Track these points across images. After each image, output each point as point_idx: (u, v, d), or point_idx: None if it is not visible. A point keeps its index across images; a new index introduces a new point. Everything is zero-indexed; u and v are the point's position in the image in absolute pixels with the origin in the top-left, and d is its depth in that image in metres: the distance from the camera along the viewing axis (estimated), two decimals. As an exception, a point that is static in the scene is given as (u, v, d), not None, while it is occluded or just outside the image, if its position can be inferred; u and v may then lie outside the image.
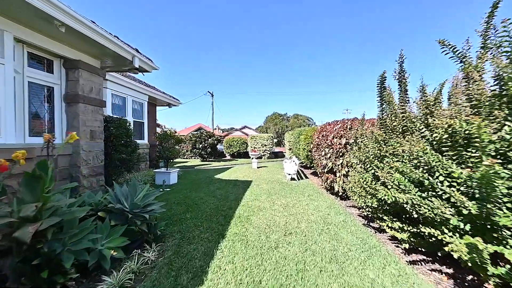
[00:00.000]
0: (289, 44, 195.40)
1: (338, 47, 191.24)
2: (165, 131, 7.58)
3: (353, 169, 4.49)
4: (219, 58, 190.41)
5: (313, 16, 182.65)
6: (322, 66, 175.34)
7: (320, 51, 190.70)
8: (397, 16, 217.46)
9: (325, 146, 6.22)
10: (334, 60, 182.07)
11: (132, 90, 8.13)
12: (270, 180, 8.75)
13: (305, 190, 6.96)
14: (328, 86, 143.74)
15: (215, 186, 7.52)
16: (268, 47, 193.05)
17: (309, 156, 9.20)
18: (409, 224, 2.81)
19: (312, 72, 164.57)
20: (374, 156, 3.64)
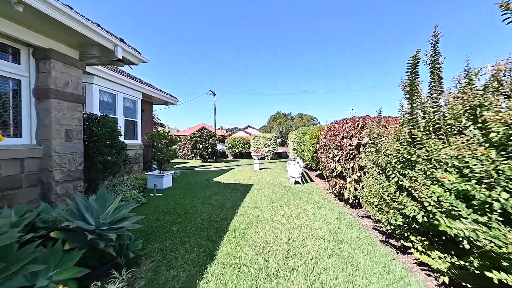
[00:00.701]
0: (291, 43, 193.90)
1: (342, 46, 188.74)
2: (159, 130, 6.96)
3: (369, 175, 3.79)
4: (221, 58, 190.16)
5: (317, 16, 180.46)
6: (324, 65, 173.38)
7: (323, 50, 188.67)
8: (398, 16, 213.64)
9: (333, 147, 5.52)
10: (335, 60, 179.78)
11: (123, 86, 7.56)
12: (272, 184, 8.08)
13: (311, 196, 6.27)
14: (334, 85, 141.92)
15: (212, 191, 6.89)
16: (272, 46, 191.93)
17: (315, 158, 8.50)
18: (453, 254, 2.11)
19: (318, 71, 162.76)
20: (398, 161, 2.94)
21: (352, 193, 5.00)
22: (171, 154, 6.85)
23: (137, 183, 6.68)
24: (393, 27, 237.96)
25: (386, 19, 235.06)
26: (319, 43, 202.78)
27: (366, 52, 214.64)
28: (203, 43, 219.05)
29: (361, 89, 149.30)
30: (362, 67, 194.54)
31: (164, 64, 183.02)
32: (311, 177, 9.91)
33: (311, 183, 8.28)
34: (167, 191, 6.74)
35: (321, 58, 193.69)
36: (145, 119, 9.80)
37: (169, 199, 5.87)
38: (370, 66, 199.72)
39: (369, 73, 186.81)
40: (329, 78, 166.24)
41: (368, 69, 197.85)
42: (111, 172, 5.27)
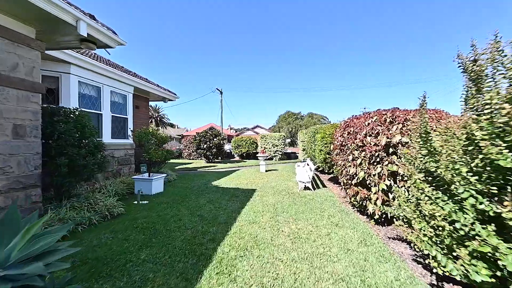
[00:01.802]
0: (294, 43, 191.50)
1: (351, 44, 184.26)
2: (146, 128, 6.07)
3: (412, 187, 2.65)
4: (229, 57, 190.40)
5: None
6: (337, 62, 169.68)
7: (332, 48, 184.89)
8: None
9: (353, 147, 4.38)
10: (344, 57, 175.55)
11: (110, 79, 6.72)
12: (278, 190, 7.01)
13: (324, 207, 5.15)
14: (343, 82, 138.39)
15: (206, 198, 5.90)
16: (280, 46, 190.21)
17: (328, 160, 7.35)
18: None
19: (327, 68, 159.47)
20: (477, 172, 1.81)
21: (379, 207, 3.85)
22: (159, 155, 5.93)
23: (121, 188, 5.79)
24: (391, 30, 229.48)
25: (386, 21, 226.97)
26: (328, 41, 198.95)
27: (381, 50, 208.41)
28: (212, 46, 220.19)
29: (371, 87, 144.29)
30: (373, 64, 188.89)
31: (172, 62, 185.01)
32: (323, 181, 8.74)
33: (323, 189, 7.13)
34: (155, 198, 5.81)
35: (330, 56, 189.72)
36: (140, 117, 8.99)
37: (153, 209, 4.93)
38: (383, 65, 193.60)
39: (380, 71, 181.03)
40: (338, 75, 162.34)
41: (379, 67, 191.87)
42: (81, 177, 4.39)
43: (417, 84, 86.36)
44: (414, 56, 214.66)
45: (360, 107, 50.97)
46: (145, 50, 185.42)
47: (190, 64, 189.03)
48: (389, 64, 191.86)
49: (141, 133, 5.73)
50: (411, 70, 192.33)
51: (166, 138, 6.31)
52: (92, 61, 5.94)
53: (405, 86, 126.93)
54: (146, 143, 5.84)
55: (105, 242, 3.34)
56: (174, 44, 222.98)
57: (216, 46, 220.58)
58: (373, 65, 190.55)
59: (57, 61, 5.36)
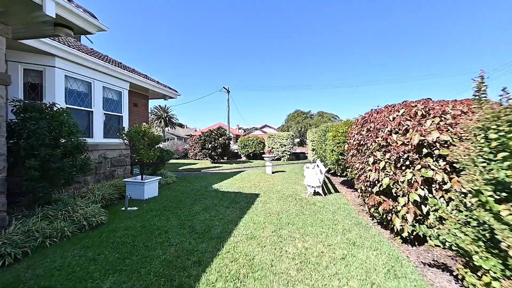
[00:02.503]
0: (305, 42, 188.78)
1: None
2: (139, 126, 5.50)
3: (478, 208, 1.88)
4: (237, 56, 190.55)
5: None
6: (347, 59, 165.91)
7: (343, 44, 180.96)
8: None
9: (373, 147, 3.60)
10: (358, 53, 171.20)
11: (103, 73, 6.23)
12: (284, 195, 6.28)
13: (337, 217, 4.39)
14: (355, 79, 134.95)
15: (203, 204, 5.27)
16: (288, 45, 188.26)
17: (341, 162, 6.54)
18: None
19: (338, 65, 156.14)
20: None
21: (409, 223, 3.05)
22: (150, 156, 5.34)
23: (110, 192, 5.25)
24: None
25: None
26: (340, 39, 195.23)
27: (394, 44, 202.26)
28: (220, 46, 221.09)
29: (384, 82, 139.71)
30: (385, 60, 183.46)
31: (181, 61, 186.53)
32: (335, 185, 7.92)
33: (335, 195, 6.33)
34: (146, 204, 5.24)
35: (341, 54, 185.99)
36: (138, 115, 8.51)
37: (139, 217, 4.34)
38: (395, 60, 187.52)
39: (392, 67, 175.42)
40: (350, 72, 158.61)
41: (392, 63, 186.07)
42: (57, 181, 3.85)
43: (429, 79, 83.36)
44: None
45: (372, 106, 48.98)
46: (150, 48, 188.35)
47: (198, 63, 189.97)
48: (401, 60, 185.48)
49: (131, 132, 5.18)
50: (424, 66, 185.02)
51: (158, 138, 5.72)
52: (80, 53, 5.44)
53: (418, 81, 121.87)
54: (137, 143, 5.28)
55: (69, 262, 2.76)
56: (182, 42, 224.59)
57: (225, 46, 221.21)
58: (385, 62, 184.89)
59: (40, 53, 4.88)
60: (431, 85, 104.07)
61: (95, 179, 5.93)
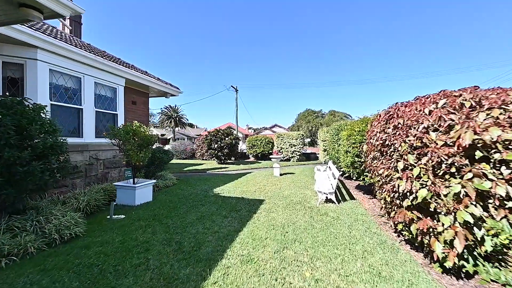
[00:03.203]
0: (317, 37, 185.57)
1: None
2: (130, 124, 4.96)
3: None
4: (246, 55, 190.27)
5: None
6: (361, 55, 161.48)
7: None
8: None
9: (404, 149, 2.82)
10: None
11: (94, 68, 5.76)
12: (292, 201, 5.56)
13: (355, 233, 3.63)
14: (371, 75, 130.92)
15: (199, 213, 4.66)
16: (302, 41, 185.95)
17: (357, 164, 5.73)
18: None
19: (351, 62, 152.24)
20: None
21: (457, 250, 2.27)
22: (140, 158, 4.79)
23: (98, 197, 4.75)
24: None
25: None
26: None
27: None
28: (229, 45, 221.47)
29: (400, 78, 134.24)
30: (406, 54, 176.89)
31: (188, 59, 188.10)
32: (349, 189, 7.10)
33: (350, 202, 5.53)
34: (136, 211, 4.69)
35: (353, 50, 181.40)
36: (137, 113, 8.05)
37: (122, 229, 3.77)
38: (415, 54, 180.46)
39: (411, 62, 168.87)
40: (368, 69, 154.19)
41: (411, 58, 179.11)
42: (25, 188, 3.35)
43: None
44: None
45: (387, 103, 46.79)
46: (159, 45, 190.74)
47: (208, 62, 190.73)
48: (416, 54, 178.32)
49: (119, 131, 4.65)
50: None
51: (151, 138, 5.14)
52: (66, 45, 4.98)
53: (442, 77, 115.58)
54: (126, 143, 4.74)
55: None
56: (191, 41, 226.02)
57: (234, 44, 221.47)
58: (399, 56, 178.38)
59: (20, 45, 4.45)
60: (456, 81, 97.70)
61: (85, 182, 5.47)
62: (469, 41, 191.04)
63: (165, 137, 56.22)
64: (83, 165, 5.42)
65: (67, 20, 8.85)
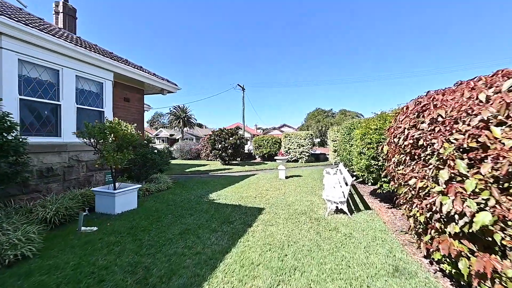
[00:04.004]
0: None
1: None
2: (104, 122, 4.33)
3: None
4: (255, 53, 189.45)
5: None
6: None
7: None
8: None
9: (448, 152, 1.98)
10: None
11: (75, 60, 5.20)
12: (296, 211, 4.76)
13: (374, 259, 2.80)
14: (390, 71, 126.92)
15: (184, 225, 3.96)
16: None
17: (373, 168, 4.86)
18: None
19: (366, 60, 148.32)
20: None
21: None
22: (118, 160, 4.14)
23: (68, 206, 4.13)
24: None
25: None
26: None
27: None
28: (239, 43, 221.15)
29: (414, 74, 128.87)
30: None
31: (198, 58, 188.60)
32: (363, 195, 6.21)
33: (365, 213, 4.67)
34: (112, 222, 4.05)
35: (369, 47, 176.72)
36: (129, 111, 7.49)
37: (84, 248, 3.12)
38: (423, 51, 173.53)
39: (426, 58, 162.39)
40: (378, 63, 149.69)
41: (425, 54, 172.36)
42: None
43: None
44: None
45: (403, 101, 44.62)
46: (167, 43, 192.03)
47: (215, 60, 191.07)
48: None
49: (93, 128, 4.03)
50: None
51: (133, 137, 4.49)
52: (39, 33, 4.42)
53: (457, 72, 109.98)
54: (103, 143, 4.11)
55: None
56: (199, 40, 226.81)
57: (244, 42, 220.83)
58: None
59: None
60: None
61: (63, 187, 4.90)
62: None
63: (174, 137, 56.49)
64: (61, 168, 4.86)
65: (61, 14, 8.47)
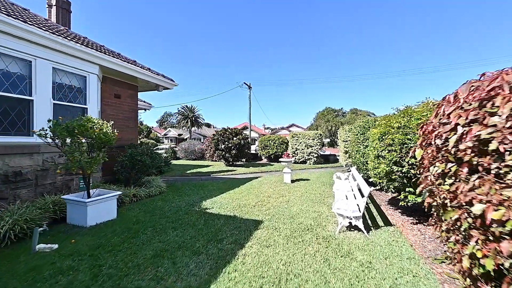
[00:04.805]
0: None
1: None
2: (76, 119, 3.69)
3: None
4: (264, 52, 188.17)
5: None
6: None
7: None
8: None
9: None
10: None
11: (52, 50, 4.62)
12: (300, 226, 3.97)
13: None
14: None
15: (162, 244, 3.26)
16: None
17: (395, 175, 3.98)
18: None
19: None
20: None
21: None
22: (86, 165, 3.48)
23: (29, 218, 3.51)
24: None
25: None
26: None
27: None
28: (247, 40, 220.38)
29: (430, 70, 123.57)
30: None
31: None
32: (380, 205, 5.32)
33: (385, 230, 3.80)
34: (78, 238, 3.40)
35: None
36: (120, 108, 6.91)
37: (25, 277, 2.47)
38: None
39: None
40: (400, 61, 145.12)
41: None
42: None
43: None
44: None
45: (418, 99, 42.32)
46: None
47: (225, 58, 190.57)
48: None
49: (57, 126, 3.38)
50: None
51: (107, 137, 3.82)
52: (5, 18, 3.84)
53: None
54: (71, 143, 3.48)
55: None
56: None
57: (253, 41, 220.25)
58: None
59: None
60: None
61: (35, 193, 4.33)
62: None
63: (182, 137, 56.61)
64: (32, 172, 4.29)
65: (54, 8, 8.04)
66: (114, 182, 6.03)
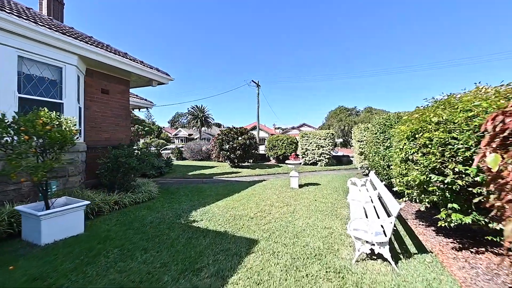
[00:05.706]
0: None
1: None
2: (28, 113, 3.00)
3: None
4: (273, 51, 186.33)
5: None
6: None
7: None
8: None
9: None
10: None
11: (18, 36, 4.01)
12: (304, 249, 3.07)
13: None
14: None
15: (122, 274, 2.49)
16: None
17: (432, 186, 2.98)
18: None
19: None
20: None
21: None
22: (31, 169, 2.78)
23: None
24: None
25: None
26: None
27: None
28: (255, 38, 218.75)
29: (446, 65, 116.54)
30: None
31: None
32: (407, 220, 4.29)
33: (421, 260, 2.82)
34: (20, 262, 2.71)
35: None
36: (108, 105, 6.29)
37: None
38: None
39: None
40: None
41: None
42: None
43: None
44: None
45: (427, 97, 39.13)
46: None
47: (236, 58, 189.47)
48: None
49: (13, 122, 2.70)
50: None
51: (62, 134, 3.11)
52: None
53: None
54: (18, 142, 2.80)
55: None
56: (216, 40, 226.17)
57: (262, 40, 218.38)
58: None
59: None
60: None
61: (7, 201, 3.71)
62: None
63: (192, 137, 56.70)
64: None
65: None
66: (97, 187, 5.39)
